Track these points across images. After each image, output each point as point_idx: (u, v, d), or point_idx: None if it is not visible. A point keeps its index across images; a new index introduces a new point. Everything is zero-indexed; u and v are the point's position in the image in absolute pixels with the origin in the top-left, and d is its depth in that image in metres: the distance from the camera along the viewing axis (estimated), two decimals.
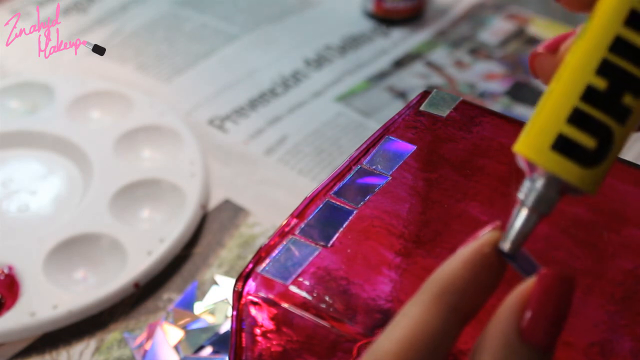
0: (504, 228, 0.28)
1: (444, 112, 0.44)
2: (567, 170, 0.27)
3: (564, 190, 0.28)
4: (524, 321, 0.26)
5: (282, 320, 0.36)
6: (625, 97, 0.27)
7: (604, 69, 0.27)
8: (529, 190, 0.28)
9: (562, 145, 0.27)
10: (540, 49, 0.31)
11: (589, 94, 0.27)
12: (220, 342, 0.53)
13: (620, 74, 0.27)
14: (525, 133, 0.28)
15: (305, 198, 0.39)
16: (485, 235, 0.28)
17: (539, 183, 0.28)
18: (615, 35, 0.27)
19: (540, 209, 0.28)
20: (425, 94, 0.46)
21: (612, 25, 0.27)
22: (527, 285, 0.27)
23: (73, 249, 0.58)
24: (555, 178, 0.27)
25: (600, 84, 0.27)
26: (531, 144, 0.27)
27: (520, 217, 0.28)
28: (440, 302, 0.27)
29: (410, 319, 0.27)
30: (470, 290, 0.27)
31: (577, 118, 0.27)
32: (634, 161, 0.42)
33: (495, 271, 0.28)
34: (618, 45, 0.27)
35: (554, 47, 0.30)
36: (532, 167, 0.28)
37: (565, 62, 0.28)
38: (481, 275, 0.27)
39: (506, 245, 0.28)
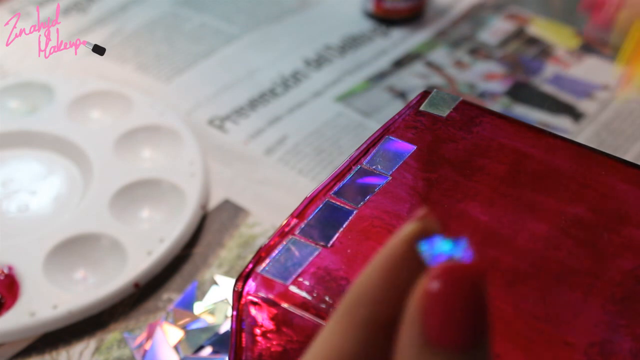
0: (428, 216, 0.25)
1: (444, 112, 0.44)
2: None
3: None
4: (427, 325, 0.23)
5: (282, 320, 0.36)
6: None
7: None
8: None
9: None
10: None
11: None
12: (220, 342, 0.53)
13: None
14: None
15: (305, 198, 0.39)
16: (400, 232, 0.24)
17: None
18: None
19: None
20: (425, 94, 0.46)
21: None
22: (423, 283, 0.23)
23: (73, 249, 0.58)
24: None
25: None
26: None
27: None
28: (353, 318, 0.24)
29: (324, 341, 0.24)
30: (387, 298, 0.24)
31: None
32: (633, 161, 0.42)
33: (415, 271, 0.24)
34: None
35: None
36: None
37: None
38: (398, 279, 0.24)
39: None
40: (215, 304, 0.55)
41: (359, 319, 0.24)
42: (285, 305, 0.35)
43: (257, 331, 0.37)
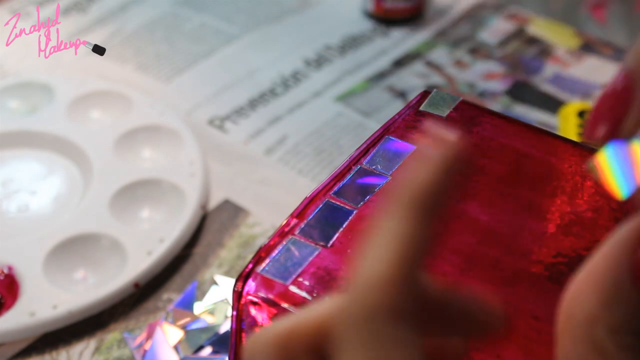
0: None
1: (444, 112, 0.44)
2: None
3: None
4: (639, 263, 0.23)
5: None
6: None
7: None
8: None
9: None
10: None
11: None
12: (220, 342, 0.53)
13: None
14: None
15: (305, 198, 0.39)
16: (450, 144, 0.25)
17: None
18: None
19: None
20: (425, 94, 0.46)
21: None
22: (636, 222, 0.23)
23: (73, 249, 0.58)
24: None
25: None
26: None
27: None
28: (422, 211, 0.24)
29: (396, 235, 0.24)
30: (445, 190, 0.25)
31: None
32: None
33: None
34: None
35: None
36: None
37: None
38: (453, 173, 0.25)
39: None
40: (215, 304, 0.55)
41: (430, 210, 0.24)
42: (285, 305, 0.35)
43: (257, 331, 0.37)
